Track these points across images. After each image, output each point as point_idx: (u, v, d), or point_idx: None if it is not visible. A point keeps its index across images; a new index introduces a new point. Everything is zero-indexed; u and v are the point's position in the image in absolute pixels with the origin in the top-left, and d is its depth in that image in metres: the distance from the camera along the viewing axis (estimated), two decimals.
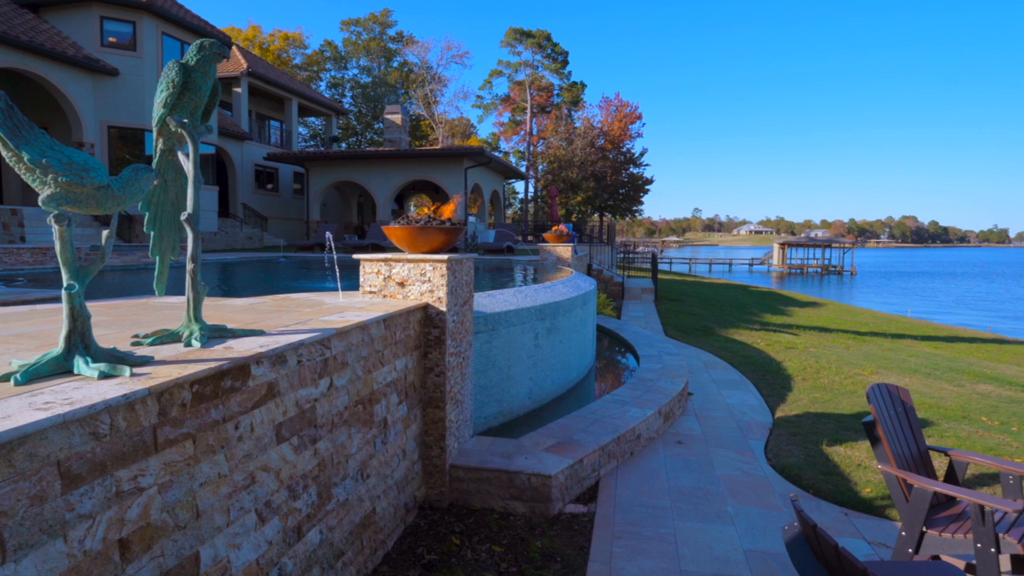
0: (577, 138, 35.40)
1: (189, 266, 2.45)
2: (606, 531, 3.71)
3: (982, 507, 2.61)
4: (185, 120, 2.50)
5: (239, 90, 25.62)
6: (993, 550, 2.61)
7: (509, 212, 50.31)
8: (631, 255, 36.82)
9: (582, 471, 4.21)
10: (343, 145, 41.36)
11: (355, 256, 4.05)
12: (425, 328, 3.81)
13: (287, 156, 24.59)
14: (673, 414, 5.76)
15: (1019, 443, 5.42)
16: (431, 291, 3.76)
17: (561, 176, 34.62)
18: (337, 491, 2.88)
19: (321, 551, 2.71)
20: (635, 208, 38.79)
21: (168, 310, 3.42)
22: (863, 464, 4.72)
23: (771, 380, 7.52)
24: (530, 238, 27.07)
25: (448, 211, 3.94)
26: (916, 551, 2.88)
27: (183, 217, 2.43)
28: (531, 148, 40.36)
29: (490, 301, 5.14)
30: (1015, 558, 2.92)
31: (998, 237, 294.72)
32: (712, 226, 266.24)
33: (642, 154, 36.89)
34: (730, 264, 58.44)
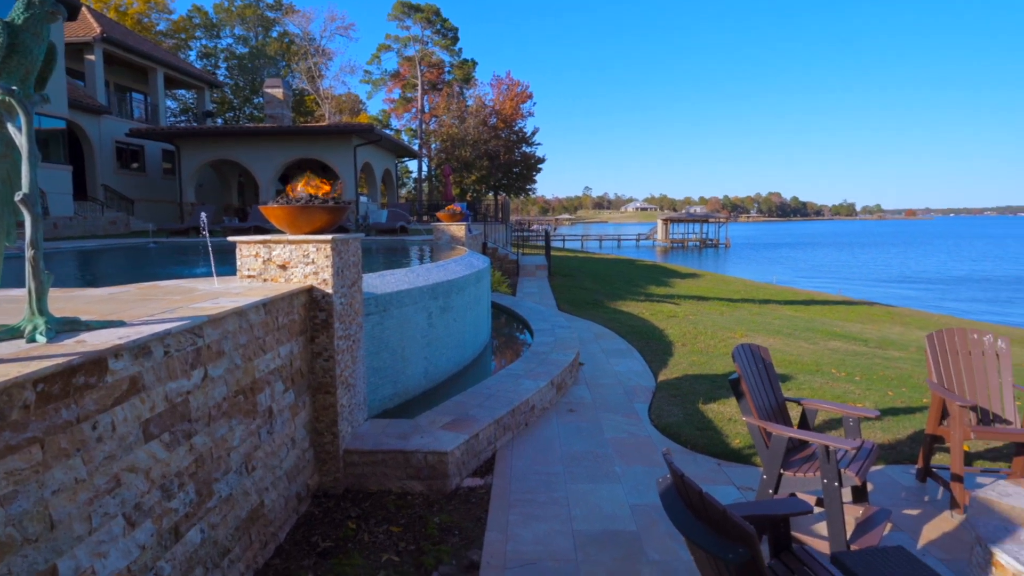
0: (470, 116, 35.20)
1: (29, 253, 2.17)
2: (502, 501, 3.81)
3: (827, 447, 2.97)
4: (14, 87, 2.19)
5: (92, 58, 22.78)
6: (837, 484, 2.99)
7: (403, 192, 49.27)
8: (526, 233, 37.45)
9: (478, 445, 4.28)
10: (219, 121, 38.28)
11: (230, 239, 3.79)
12: (311, 312, 3.66)
13: (154, 132, 22.36)
14: (565, 384, 5.99)
15: (861, 390, 6.19)
16: (315, 273, 3.61)
17: (455, 155, 34.36)
18: (219, 487, 2.72)
19: (204, 550, 2.56)
20: (528, 187, 39.42)
21: (7, 304, 3.03)
22: (733, 418, 5.18)
23: (655, 347, 8.03)
24: (425, 218, 26.70)
25: (328, 188, 3.78)
26: (776, 491, 3.23)
27: (17, 198, 2.15)
28: (423, 126, 39.65)
29: (381, 282, 5.03)
30: (855, 489, 3.36)
31: (847, 211, 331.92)
32: (602, 204, 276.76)
33: (534, 133, 37.45)
34: (619, 240, 61.22)
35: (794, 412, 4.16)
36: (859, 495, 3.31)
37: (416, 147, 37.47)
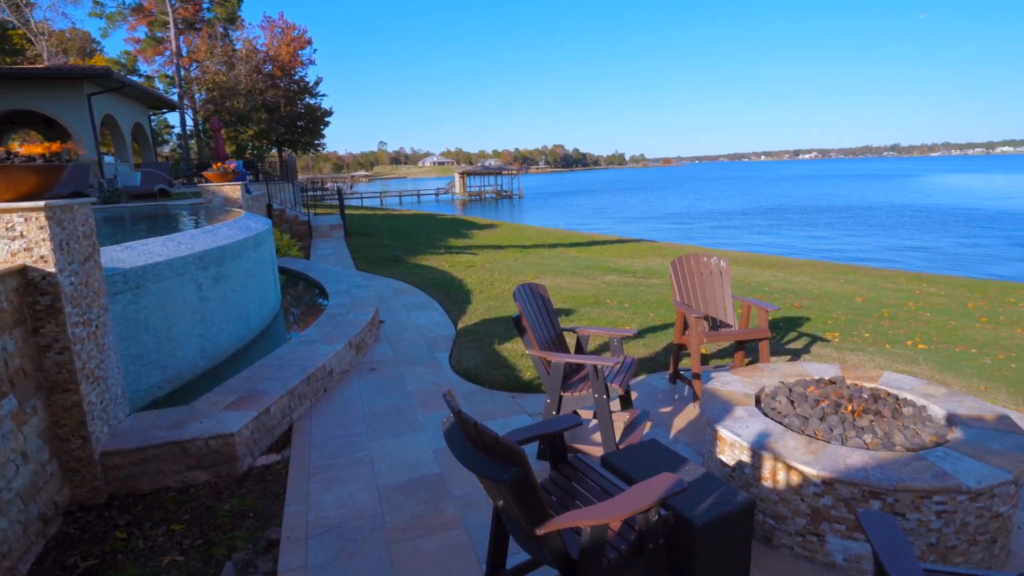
0: (239, 62, 31.34)
1: None
2: (302, 472, 3.65)
3: (596, 366, 3.34)
4: None
5: None
6: (605, 396, 3.39)
7: (166, 150, 42.76)
8: (319, 192, 35.23)
9: (271, 420, 4.02)
10: None
11: None
12: (27, 297, 3.01)
13: None
14: (365, 344, 5.87)
15: (629, 315, 7.07)
16: (27, 249, 2.95)
17: (225, 107, 30.53)
18: None
19: None
20: (317, 142, 36.85)
21: None
22: (525, 354, 5.57)
23: (454, 297, 8.23)
24: (196, 180, 23.57)
25: (58, 148, 3.08)
26: (558, 411, 3.56)
27: None
28: (181, 72, 34.37)
29: (130, 254, 4.33)
30: (621, 398, 3.85)
31: (619, 160, 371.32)
32: (399, 159, 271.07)
33: (317, 83, 34.80)
34: (418, 195, 60.88)
35: (571, 340, 4.60)
36: (625, 403, 3.81)
37: (175, 97, 32.41)
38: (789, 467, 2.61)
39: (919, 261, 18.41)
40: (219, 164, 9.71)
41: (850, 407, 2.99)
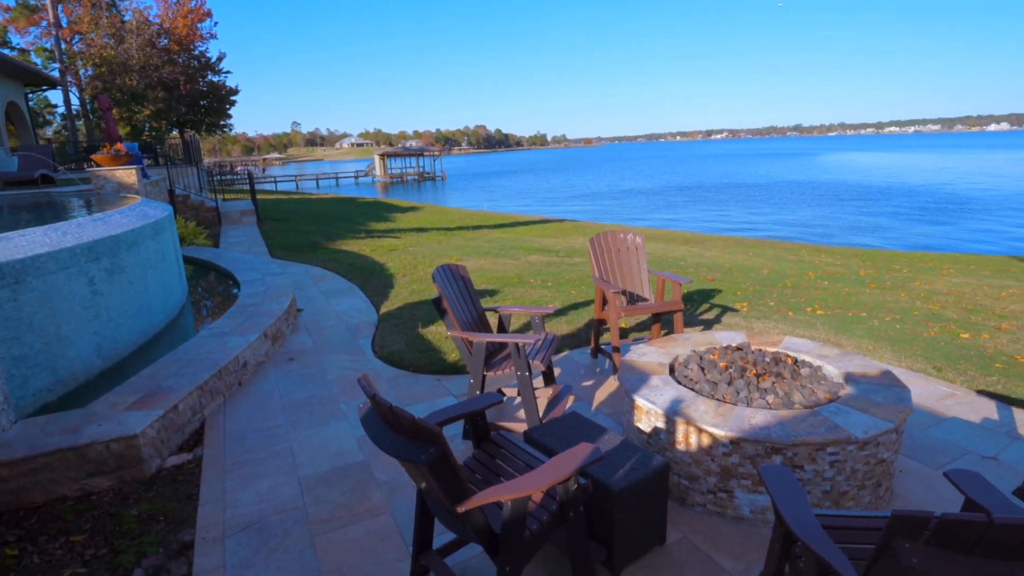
0: (130, 35, 28.81)
1: None
2: (217, 469, 3.49)
3: (517, 344, 3.37)
4: None
5: None
6: (528, 373, 3.43)
7: (50, 132, 38.95)
8: (229, 176, 33.25)
9: (180, 418, 3.79)
10: None
11: None
12: None
13: None
14: (282, 333, 5.64)
15: (552, 293, 7.18)
16: None
17: (116, 84, 28.08)
18: None
19: None
20: (223, 123, 34.66)
21: None
22: (449, 336, 5.55)
23: (376, 282, 8.05)
24: (86, 165, 21.61)
25: None
26: (482, 391, 3.57)
27: None
28: (62, 46, 31.22)
29: (5, 247, 3.92)
30: (544, 374, 3.92)
31: (541, 141, 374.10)
32: (314, 141, 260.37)
33: (220, 59, 32.60)
34: (337, 178, 58.84)
35: (494, 320, 4.62)
36: (548, 379, 3.88)
37: (56, 74, 29.43)
38: (700, 430, 2.75)
39: (819, 234, 19.79)
40: (110, 146, 8.94)
41: (754, 371, 3.19)
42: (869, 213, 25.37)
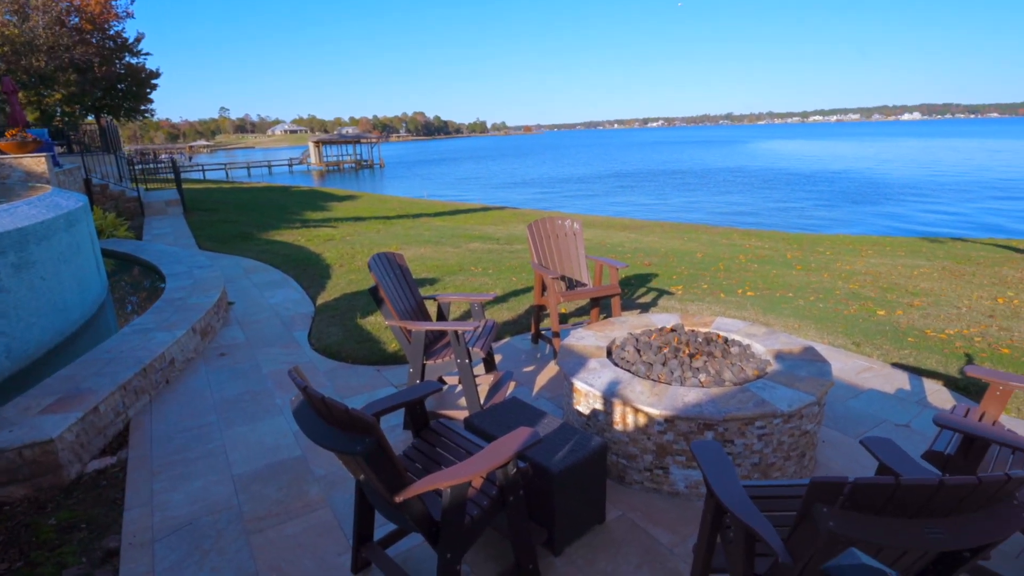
0: (35, 12, 26.61)
1: None
2: (144, 472, 3.32)
3: (456, 332, 3.35)
4: None
5: None
6: (468, 360, 3.42)
7: None
8: (152, 164, 31.41)
9: (101, 420, 3.58)
10: None
11: None
12: None
13: None
14: (212, 328, 5.40)
15: (493, 280, 7.18)
16: None
17: (21, 65, 25.91)
18: None
19: None
20: (143, 108, 32.63)
21: None
22: (388, 326, 5.46)
23: (312, 273, 7.82)
24: None
25: None
26: (422, 380, 3.54)
27: None
28: None
29: None
30: (485, 361, 3.92)
31: (480, 128, 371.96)
32: (245, 127, 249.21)
33: (138, 40, 30.59)
34: (270, 166, 56.62)
35: (433, 309, 4.58)
36: (489, 365, 3.88)
37: None
38: (637, 410, 2.82)
39: (749, 218, 20.64)
40: (15, 132, 8.26)
41: (687, 351, 3.30)
42: (795, 197, 26.65)
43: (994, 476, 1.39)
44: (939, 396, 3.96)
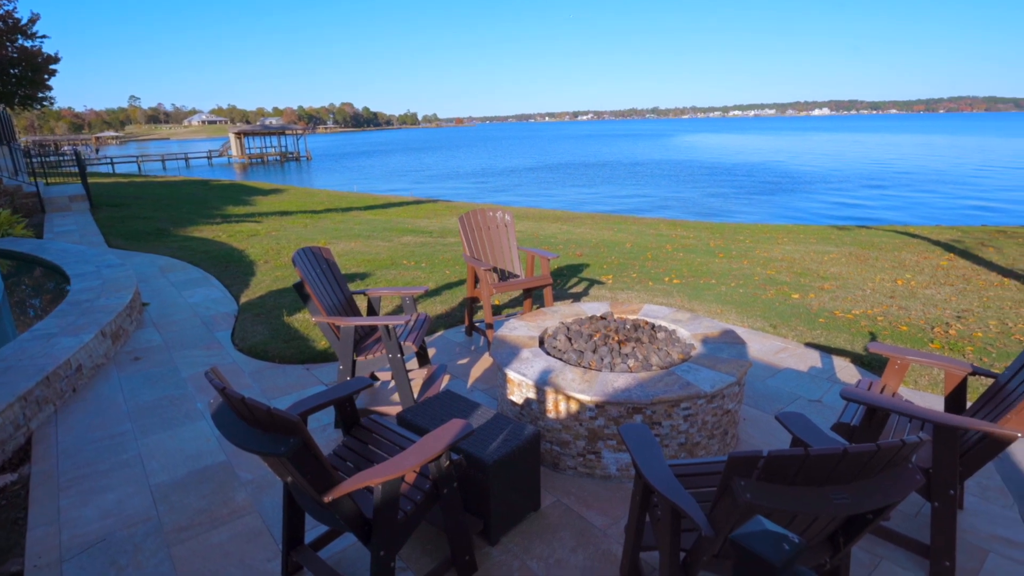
0: None
1: None
2: (49, 487, 3.07)
3: (387, 326, 3.29)
4: None
5: None
6: (400, 355, 3.37)
7: None
8: (53, 157, 29.01)
9: None
10: None
11: None
12: None
13: None
14: (124, 331, 5.07)
15: (427, 274, 7.10)
16: None
17: None
18: None
19: None
20: (41, 95, 30.01)
21: None
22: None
23: (235, 270, 7.47)
24: None
25: None
26: (352, 377, 3.46)
27: None
28: None
29: None
30: (418, 355, 3.88)
31: (411, 120, 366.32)
32: (158, 117, 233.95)
33: (32, 21, 28.03)
34: (187, 159, 53.56)
35: (363, 304, 4.48)
36: (423, 359, 3.85)
37: None
38: (569, 397, 2.87)
39: (675, 209, 21.38)
40: None
41: (616, 338, 3.38)
42: (718, 189, 27.83)
43: (891, 442, 1.50)
44: (847, 372, 4.26)
